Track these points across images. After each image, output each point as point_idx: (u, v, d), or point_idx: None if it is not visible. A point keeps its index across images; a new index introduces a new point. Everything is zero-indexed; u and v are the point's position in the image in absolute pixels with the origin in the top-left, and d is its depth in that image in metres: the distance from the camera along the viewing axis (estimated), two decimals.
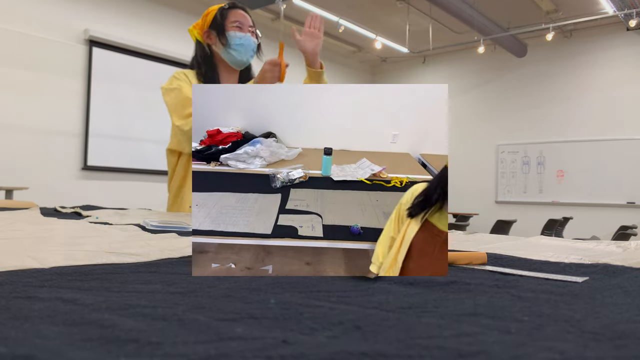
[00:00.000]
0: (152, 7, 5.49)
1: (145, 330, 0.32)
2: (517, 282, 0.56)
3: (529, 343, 0.30)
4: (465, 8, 5.61)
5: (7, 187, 3.71)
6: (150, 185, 5.39)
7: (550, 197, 6.87)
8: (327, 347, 0.29)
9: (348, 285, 0.52)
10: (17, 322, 0.34)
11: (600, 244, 0.94)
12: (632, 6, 5.55)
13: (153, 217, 1.47)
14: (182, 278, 0.55)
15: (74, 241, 0.83)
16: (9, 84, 4.39)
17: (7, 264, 0.58)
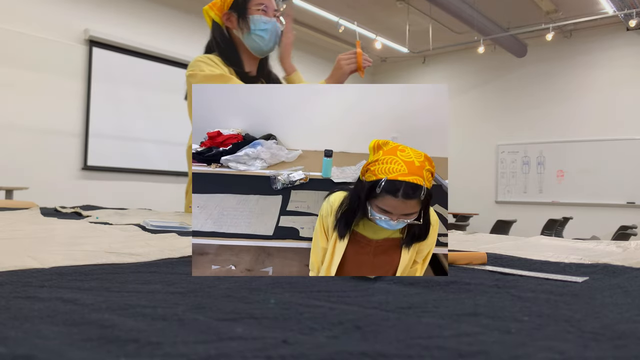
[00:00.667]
0: (152, 7, 5.49)
1: (145, 330, 0.32)
2: (517, 282, 0.56)
3: (529, 343, 0.30)
4: (465, 8, 5.61)
5: (7, 187, 3.71)
6: (150, 185, 5.39)
7: (550, 197, 6.87)
8: (327, 347, 0.29)
9: (348, 285, 0.52)
10: (17, 322, 0.34)
11: (600, 244, 0.94)
12: (632, 6, 5.55)
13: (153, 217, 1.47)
14: (182, 278, 0.55)
15: (74, 241, 0.83)
16: (9, 84, 4.39)
17: (7, 264, 0.58)
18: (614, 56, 6.54)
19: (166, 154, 5.48)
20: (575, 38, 6.83)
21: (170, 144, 5.51)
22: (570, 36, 6.84)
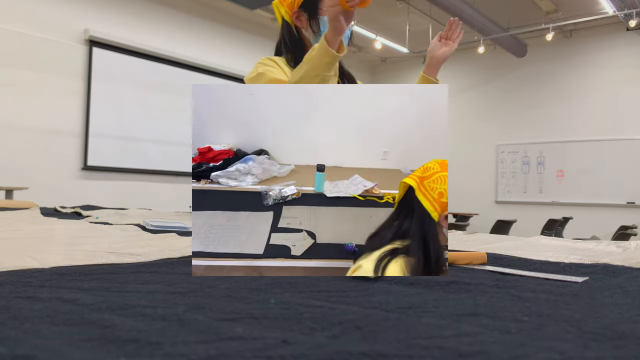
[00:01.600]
0: (152, 7, 5.49)
1: (145, 330, 0.32)
2: (517, 282, 0.56)
3: (529, 343, 0.30)
4: (465, 8, 5.61)
5: (7, 187, 3.71)
6: (150, 185, 5.39)
7: (550, 197, 6.87)
8: (327, 347, 0.29)
9: (348, 285, 0.52)
10: (17, 322, 0.34)
11: (600, 244, 0.94)
12: (632, 6, 5.55)
13: (153, 217, 1.47)
14: (182, 278, 0.55)
15: (74, 241, 0.83)
16: (9, 84, 4.40)
17: (7, 264, 0.58)
18: (614, 56, 6.54)
19: (166, 154, 5.48)
20: (575, 38, 6.82)
21: (170, 144, 5.51)
22: (570, 36, 6.84)
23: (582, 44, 6.76)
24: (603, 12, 5.91)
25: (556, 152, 6.88)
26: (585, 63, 6.74)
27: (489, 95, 7.54)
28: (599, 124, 6.59)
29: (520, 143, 7.19)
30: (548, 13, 6.22)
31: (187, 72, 5.70)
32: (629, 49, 6.44)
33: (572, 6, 6.05)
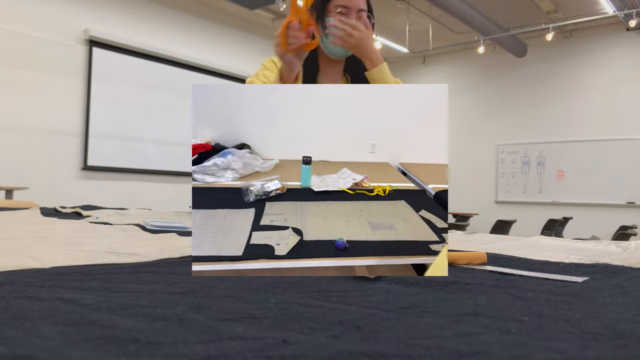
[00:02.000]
0: (152, 7, 5.49)
1: (145, 330, 0.32)
2: (517, 282, 0.56)
3: (529, 343, 0.30)
4: (465, 8, 5.61)
5: (7, 187, 3.71)
6: (150, 185, 5.39)
7: (550, 197, 6.87)
8: (327, 347, 0.29)
9: (348, 285, 0.52)
10: (17, 322, 0.34)
11: (600, 244, 0.94)
12: (632, 6, 5.55)
13: (153, 217, 1.47)
14: (182, 278, 0.55)
15: (74, 241, 0.83)
16: (9, 84, 4.40)
17: (7, 264, 0.58)
18: (614, 56, 6.54)
19: (166, 154, 5.49)
20: (575, 38, 6.82)
21: (170, 144, 5.52)
22: (570, 36, 6.84)
23: (582, 44, 6.76)
24: (603, 12, 5.91)
25: (556, 152, 6.88)
26: (585, 63, 6.74)
27: (489, 95, 7.54)
28: (599, 124, 6.59)
29: (520, 143, 7.19)
30: (548, 13, 6.22)
31: (187, 72, 5.70)
32: (629, 49, 6.44)
33: (572, 6, 6.05)
